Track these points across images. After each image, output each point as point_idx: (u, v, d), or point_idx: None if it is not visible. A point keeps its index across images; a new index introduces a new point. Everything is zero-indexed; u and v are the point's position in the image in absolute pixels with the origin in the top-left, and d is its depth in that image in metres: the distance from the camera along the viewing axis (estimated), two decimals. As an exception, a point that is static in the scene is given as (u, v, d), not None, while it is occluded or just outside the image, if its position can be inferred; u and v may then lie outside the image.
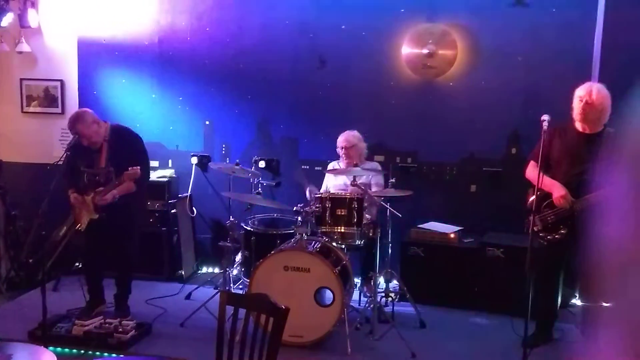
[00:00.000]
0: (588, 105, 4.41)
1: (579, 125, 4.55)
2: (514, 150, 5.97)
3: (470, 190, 6.12)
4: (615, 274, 0.96)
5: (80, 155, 4.96)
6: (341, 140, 5.60)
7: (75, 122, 4.89)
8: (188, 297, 5.77)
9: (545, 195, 4.57)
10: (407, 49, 6.06)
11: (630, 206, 0.95)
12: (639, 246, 0.92)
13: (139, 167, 4.77)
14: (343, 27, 6.16)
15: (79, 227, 5.00)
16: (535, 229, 4.50)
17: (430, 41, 5.99)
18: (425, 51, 6.00)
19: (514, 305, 4.81)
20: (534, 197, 4.41)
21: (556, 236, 4.60)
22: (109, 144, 4.98)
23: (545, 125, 4.35)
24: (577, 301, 5.58)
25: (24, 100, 6.79)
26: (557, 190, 4.51)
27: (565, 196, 4.47)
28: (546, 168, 4.59)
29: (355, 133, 5.64)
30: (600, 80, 5.14)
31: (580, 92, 4.48)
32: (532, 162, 4.74)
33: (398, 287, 5.53)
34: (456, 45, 5.97)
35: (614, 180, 0.98)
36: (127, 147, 4.97)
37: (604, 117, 4.44)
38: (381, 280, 5.38)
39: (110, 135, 5.01)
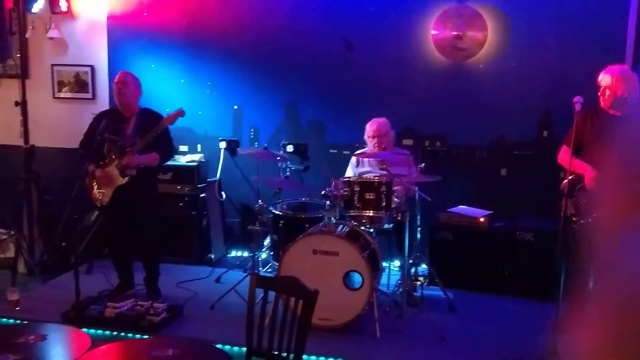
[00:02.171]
0: (601, 89, 4.39)
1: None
2: (545, 133, 5.87)
3: (500, 174, 6.05)
4: (603, 254, 0.97)
5: (106, 123, 5.07)
6: (373, 128, 5.45)
7: (129, 74, 5.24)
8: (218, 280, 5.82)
9: (579, 179, 4.50)
10: (436, 31, 5.99)
11: (617, 188, 0.95)
12: (623, 229, 0.92)
13: (180, 109, 5.07)
14: (371, 9, 6.11)
15: (101, 203, 5.07)
16: (568, 213, 4.43)
17: (460, 23, 5.91)
18: (454, 33, 5.92)
19: (544, 289, 4.77)
20: (566, 180, 4.35)
21: (589, 220, 4.51)
22: (138, 117, 5.15)
23: (578, 106, 4.28)
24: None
25: (56, 86, 6.88)
26: (588, 172, 4.44)
27: (597, 177, 4.39)
28: (579, 152, 4.52)
29: (385, 120, 5.52)
30: (635, 62, 5.03)
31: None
32: (564, 147, 4.63)
33: (427, 271, 5.51)
34: (486, 26, 5.88)
35: (610, 162, 0.99)
36: (155, 123, 5.05)
37: (626, 100, 4.33)
38: (410, 264, 5.35)
39: (140, 111, 5.21)
